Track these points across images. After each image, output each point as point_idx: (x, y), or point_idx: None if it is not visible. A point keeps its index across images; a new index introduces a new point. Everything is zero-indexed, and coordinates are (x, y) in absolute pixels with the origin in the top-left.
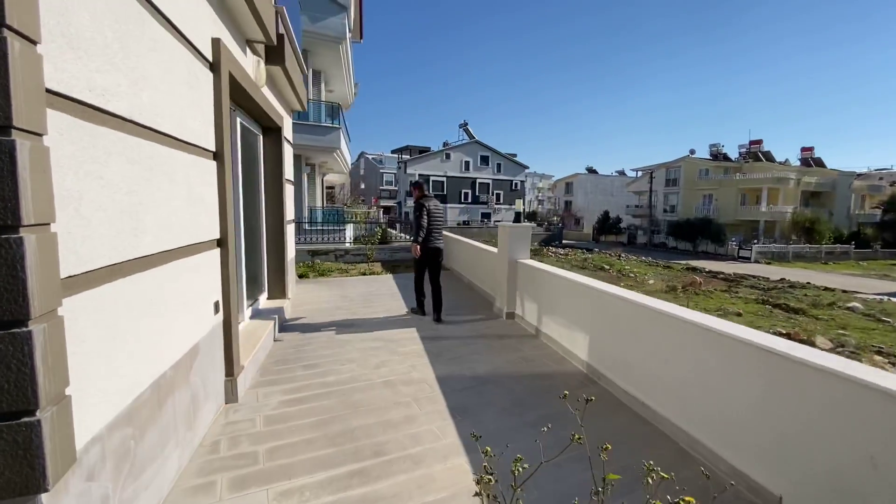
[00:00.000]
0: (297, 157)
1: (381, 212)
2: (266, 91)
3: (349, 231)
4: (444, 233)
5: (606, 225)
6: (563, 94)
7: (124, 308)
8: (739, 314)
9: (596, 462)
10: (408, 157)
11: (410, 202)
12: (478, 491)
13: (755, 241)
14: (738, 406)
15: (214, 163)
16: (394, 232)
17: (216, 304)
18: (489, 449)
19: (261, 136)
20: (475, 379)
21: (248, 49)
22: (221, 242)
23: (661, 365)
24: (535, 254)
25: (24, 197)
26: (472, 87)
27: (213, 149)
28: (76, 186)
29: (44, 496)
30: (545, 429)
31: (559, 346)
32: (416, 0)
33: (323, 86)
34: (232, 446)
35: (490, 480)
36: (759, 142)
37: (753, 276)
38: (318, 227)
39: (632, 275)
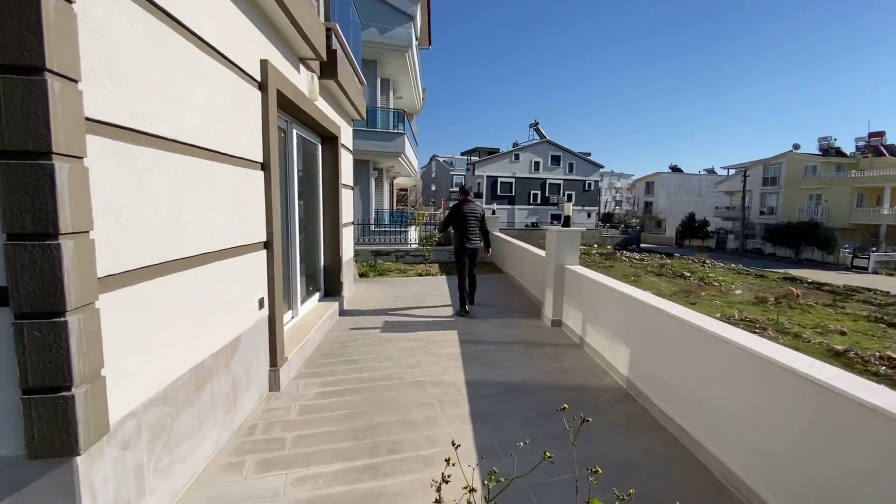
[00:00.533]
0: (364, 162)
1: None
2: (321, 103)
3: (412, 233)
4: (499, 235)
5: (692, 228)
6: (645, 90)
7: (162, 303)
8: (843, 333)
9: (601, 486)
10: (476, 158)
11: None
12: (437, 498)
13: (874, 248)
14: (779, 440)
15: (262, 173)
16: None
17: (261, 301)
18: (450, 458)
19: (320, 145)
20: (505, 386)
21: (301, 66)
22: (268, 245)
23: (698, 386)
24: (608, 258)
25: (63, 210)
26: (546, 87)
27: (261, 160)
28: (117, 199)
29: (78, 459)
30: (521, 444)
31: (601, 359)
32: (487, 3)
33: (391, 93)
34: (265, 431)
35: (469, 488)
36: (880, 134)
37: (868, 290)
38: (384, 229)
39: (716, 283)
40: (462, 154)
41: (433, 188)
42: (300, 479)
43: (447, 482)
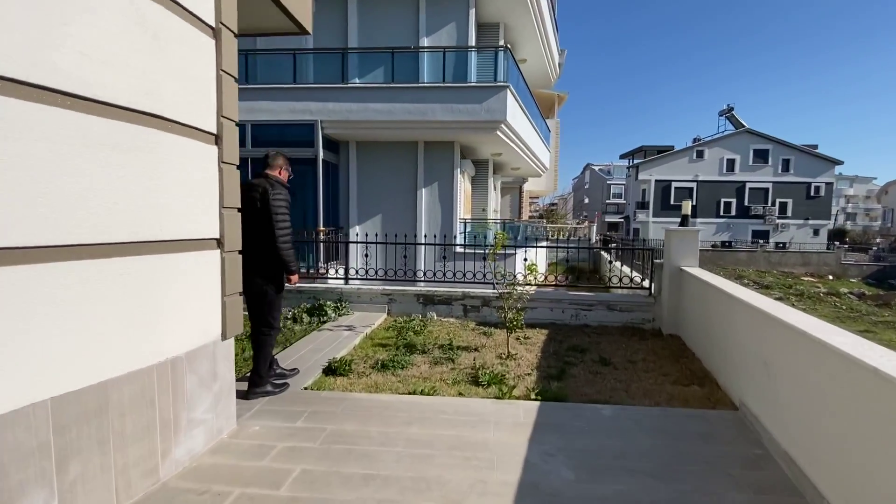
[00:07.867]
0: (445, 145)
1: (597, 228)
2: None
3: (521, 257)
4: (706, 277)
5: None
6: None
7: None
8: None
9: None
10: (641, 159)
11: (641, 216)
12: None
13: None
14: None
15: None
16: (607, 257)
17: None
18: None
19: None
20: None
21: None
22: None
23: None
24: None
25: None
26: (744, 72)
27: None
28: None
29: None
30: None
31: None
32: None
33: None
34: None
35: None
36: None
37: None
38: (473, 250)
39: None
40: (622, 157)
41: (586, 200)
42: None
43: None
